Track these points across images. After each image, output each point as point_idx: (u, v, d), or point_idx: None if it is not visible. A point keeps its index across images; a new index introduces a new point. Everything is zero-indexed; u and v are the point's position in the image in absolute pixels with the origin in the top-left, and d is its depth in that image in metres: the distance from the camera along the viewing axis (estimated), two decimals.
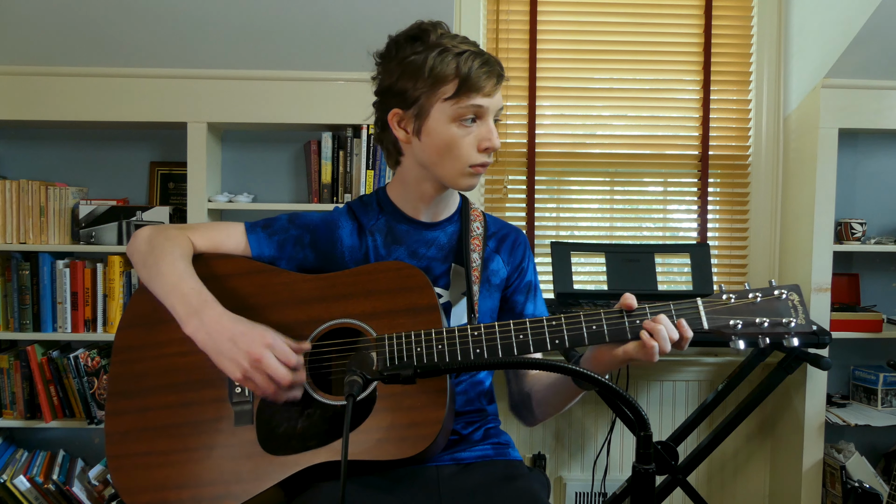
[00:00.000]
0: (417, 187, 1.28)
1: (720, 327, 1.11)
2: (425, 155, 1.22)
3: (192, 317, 1.10)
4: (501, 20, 2.59)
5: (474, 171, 1.22)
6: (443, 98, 1.18)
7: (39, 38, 2.21)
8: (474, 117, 1.20)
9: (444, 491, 1.17)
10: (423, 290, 1.18)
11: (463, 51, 1.18)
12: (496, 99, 1.21)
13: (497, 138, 1.22)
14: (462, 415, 1.29)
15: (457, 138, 1.19)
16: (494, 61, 1.21)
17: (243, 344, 1.07)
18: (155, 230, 1.24)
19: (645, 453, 0.90)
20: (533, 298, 1.38)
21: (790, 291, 1.13)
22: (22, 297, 2.31)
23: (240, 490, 1.12)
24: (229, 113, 2.31)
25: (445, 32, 1.21)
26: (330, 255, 1.29)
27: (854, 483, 2.31)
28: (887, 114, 2.35)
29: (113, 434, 1.19)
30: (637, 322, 1.11)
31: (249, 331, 1.09)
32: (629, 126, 2.64)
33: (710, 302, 1.12)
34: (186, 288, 1.13)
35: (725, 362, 2.61)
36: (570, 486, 2.59)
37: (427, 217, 1.32)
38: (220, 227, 1.30)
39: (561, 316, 1.13)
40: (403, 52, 1.20)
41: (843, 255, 2.59)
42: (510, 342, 1.13)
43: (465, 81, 1.17)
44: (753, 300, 1.12)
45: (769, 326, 1.11)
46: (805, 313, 1.12)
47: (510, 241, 1.38)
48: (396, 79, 1.21)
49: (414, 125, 1.22)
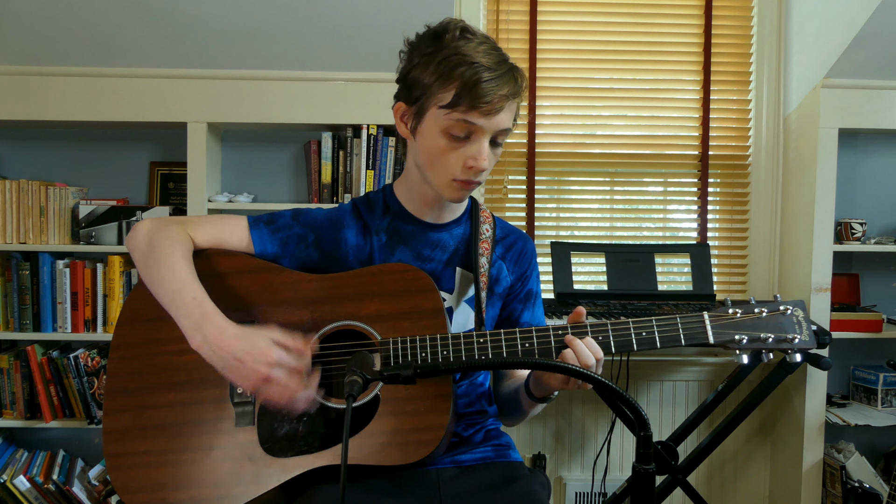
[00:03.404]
0: (419, 188, 1.27)
1: (725, 342, 1.11)
2: (418, 156, 1.21)
3: (196, 332, 1.08)
4: (501, 20, 2.58)
5: (460, 186, 1.18)
6: (438, 105, 1.13)
7: (39, 38, 2.21)
8: (467, 134, 1.14)
9: (445, 493, 1.17)
10: (429, 293, 1.17)
11: (475, 61, 1.10)
12: (497, 120, 1.12)
13: (485, 161, 1.14)
14: (463, 417, 1.29)
15: (443, 149, 1.15)
16: (506, 81, 1.11)
17: (249, 363, 1.05)
18: (155, 225, 1.21)
19: (645, 453, 0.90)
20: (531, 307, 1.36)
21: (795, 307, 1.13)
22: (22, 297, 2.31)
23: (240, 492, 1.11)
24: (229, 113, 2.31)
25: (469, 36, 1.14)
26: (334, 254, 1.28)
27: (854, 483, 2.31)
28: (887, 114, 2.35)
29: (111, 432, 1.18)
30: (561, 341, 1.11)
31: (253, 349, 1.06)
32: (629, 126, 2.64)
33: (716, 316, 1.12)
34: (188, 297, 1.10)
35: (725, 362, 2.61)
36: (570, 486, 2.59)
37: (432, 218, 1.30)
38: (222, 221, 1.27)
39: (568, 325, 1.12)
40: (421, 46, 1.17)
41: (843, 255, 2.59)
42: (516, 350, 1.12)
43: (463, 94, 1.10)
44: (759, 315, 1.12)
45: (773, 342, 1.10)
46: (809, 330, 1.12)
47: (517, 250, 1.35)
48: (408, 72, 1.18)
49: (412, 123, 1.19)
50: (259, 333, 1.08)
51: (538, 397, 1.19)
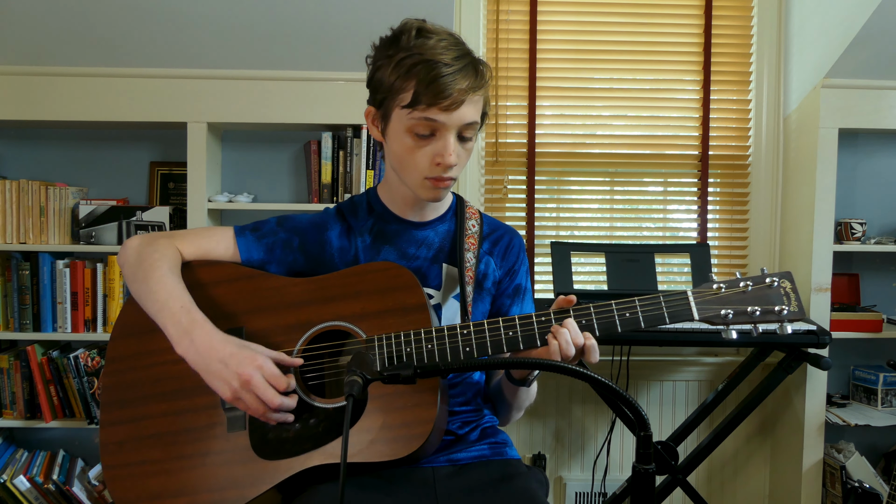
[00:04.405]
0: (398, 189, 1.28)
1: (711, 317, 1.10)
2: (390, 158, 1.23)
3: (183, 337, 1.09)
4: (501, 20, 2.58)
5: (433, 184, 1.19)
6: (401, 105, 1.14)
7: (39, 38, 2.21)
8: (431, 132, 1.14)
9: (441, 492, 1.16)
10: (412, 289, 1.17)
11: (430, 59, 1.10)
12: (459, 114, 1.13)
13: (451, 156, 1.14)
14: (458, 415, 1.28)
15: (410, 149, 1.16)
16: (464, 75, 1.12)
17: (233, 365, 1.07)
18: (143, 241, 1.23)
19: (645, 453, 0.90)
20: (520, 302, 1.36)
21: (782, 279, 1.11)
22: (22, 297, 2.31)
23: (235, 496, 1.12)
24: (229, 113, 2.31)
25: (427, 35, 1.14)
26: (319, 257, 1.29)
27: (854, 483, 2.31)
28: (887, 114, 2.35)
29: (108, 444, 1.19)
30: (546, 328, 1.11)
31: (239, 352, 1.08)
32: (629, 126, 2.64)
33: (699, 292, 1.11)
34: (176, 306, 1.12)
35: (725, 362, 2.61)
36: (570, 486, 2.59)
37: (415, 217, 1.31)
38: (209, 232, 1.29)
39: (550, 311, 1.12)
40: (382, 49, 1.19)
41: (843, 255, 2.59)
42: (499, 339, 1.12)
43: (421, 91, 1.10)
44: (744, 289, 1.11)
45: (761, 315, 1.09)
46: (798, 300, 1.10)
47: (504, 244, 1.36)
48: (372, 75, 1.20)
49: (381, 125, 1.21)
50: (248, 343, 1.11)
51: (517, 379, 1.21)
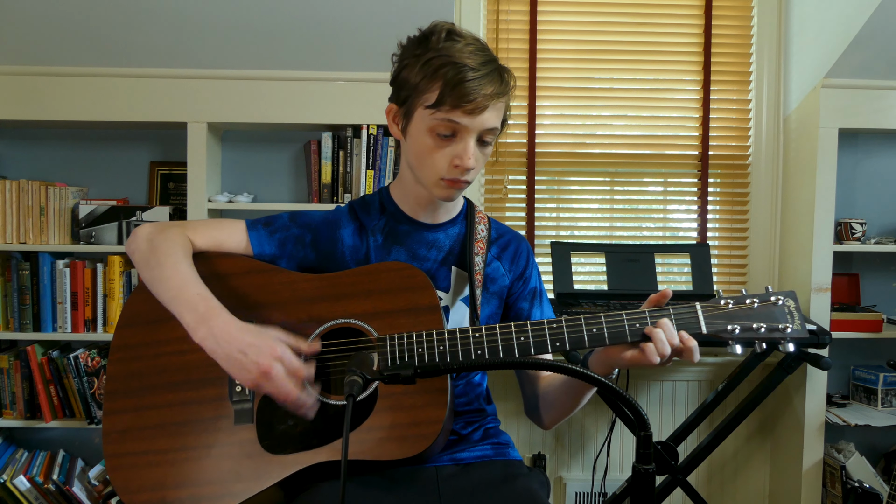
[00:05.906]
0: (413, 188, 1.29)
1: (718, 332, 1.12)
2: (409, 156, 1.24)
3: (201, 325, 1.09)
4: (501, 20, 2.58)
5: (448, 185, 1.20)
6: (424, 105, 1.15)
7: (39, 38, 2.21)
8: (452, 133, 1.16)
9: (444, 491, 1.17)
10: (425, 290, 1.18)
11: (458, 61, 1.12)
12: (481, 119, 1.14)
13: (470, 160, 1.16)
14: (461, 415, 1.29)
15: (430, 149, 1.18)
16: (490, 80, 1.14)
17: (253, 355, 1.06)
18: (155, 228, 1.23)
19: (645, 453, 0.90)
20: (539, 304, 1.38)
21: (786, 298, 1.15)
22: (22, 297, 2.31)
23: (239, 489, 1.12)
24: (229, 113, 2.31)
25: (455, 38, 1.16)
26: (331, 254, 1.29)
27: (854, 483, 2.31)
28: (887, 114, 2.35)
29: (111, 433, 1.19)
30: (637, 325, 1.11)
31: (258, 341, 1.08)
32: (629, 126, 2.64)
33: (708, 307, 1.13)
34: (192, 294, 1.12)
35: (725, 362, 2.61)
36: (570, 486, 2.59)
37: (427, 218, 1.31)
38: (220, 224, 1.29)
39: (562, 318, 1.13)
40: (410, 48, 1.20)
41: (843, 255, 2.59)
42: (511, 344, 1.12)
43: (446, 94, 1.12)
44: (751, 306, 1.14)
45: (766, 332, 1.12)
46: (801, 319, 1.14)
47: (512, 250, 1.37)
48: (398, 73, 1.21)
49: (402, 123, 1.22)
50: (265, 330, 1.11)
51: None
